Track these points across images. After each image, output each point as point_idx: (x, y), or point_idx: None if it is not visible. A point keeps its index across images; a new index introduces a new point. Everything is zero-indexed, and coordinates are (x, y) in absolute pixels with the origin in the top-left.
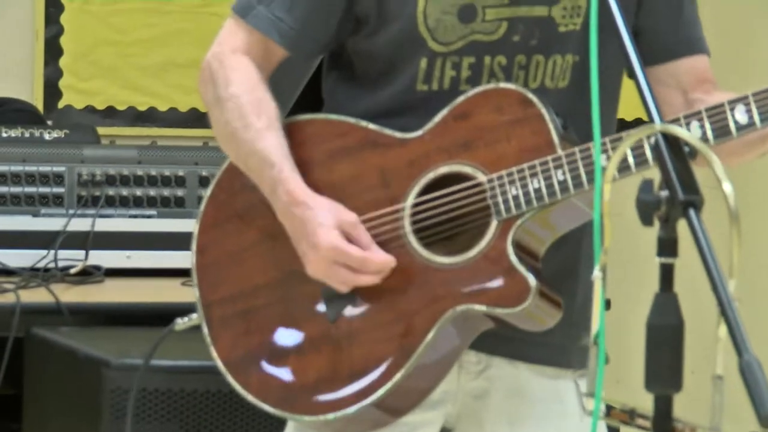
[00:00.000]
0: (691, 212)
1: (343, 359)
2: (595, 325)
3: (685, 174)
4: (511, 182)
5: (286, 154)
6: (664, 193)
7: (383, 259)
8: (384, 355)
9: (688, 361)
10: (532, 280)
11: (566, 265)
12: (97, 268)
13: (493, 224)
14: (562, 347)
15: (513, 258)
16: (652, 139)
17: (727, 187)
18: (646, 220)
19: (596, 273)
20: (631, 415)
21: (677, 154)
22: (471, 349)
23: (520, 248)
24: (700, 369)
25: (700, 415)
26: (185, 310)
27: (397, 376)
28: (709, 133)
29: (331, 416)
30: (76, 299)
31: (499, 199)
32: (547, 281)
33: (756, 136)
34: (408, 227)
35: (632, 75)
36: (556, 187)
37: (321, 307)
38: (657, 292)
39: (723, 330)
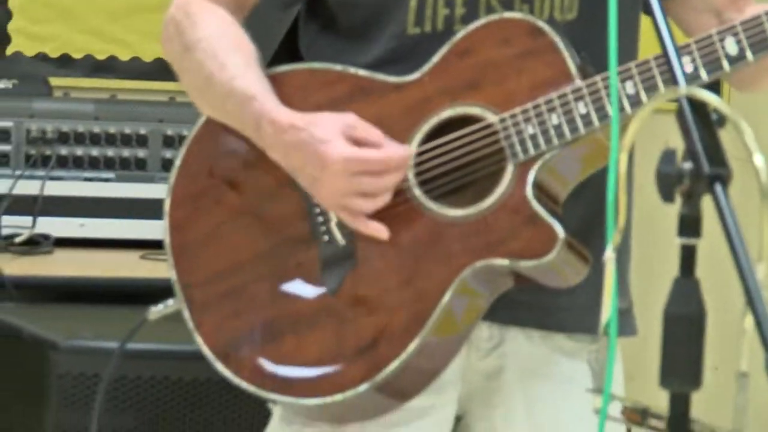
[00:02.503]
0: (718, 187)
1: (348, 333)
2: (605, 313)
3: (711, 144)
4: (527, 120)
5: (269, 89)
6: (688, 165)
7: (403, 152)
8: (394, 324)
9: (710, 356)
10: (558, 228)
11: (589, 215)
12: (46, 237)
13: (509, 168)
14: (589, 309)
15: (535, 204)
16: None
17: (759, 159)
18: (667, 196)
19: (608, 254)
20: (643, 415)
21: (703, 122)
22: (483, 321)
23: (542, 193)
24: (725, 365)
25: (722, 416)
26: (145, 286)
27: (411, 346)
28: (747, 49)
29: (339, 397)
30: (22, 272)
31: (515, 139)
32: (572, 230)
33: None
34: (412, 179)
35: (649, 12)
36: (579, 121)
37: (319, 276)
38: (676, 276)
39: (749, 321)
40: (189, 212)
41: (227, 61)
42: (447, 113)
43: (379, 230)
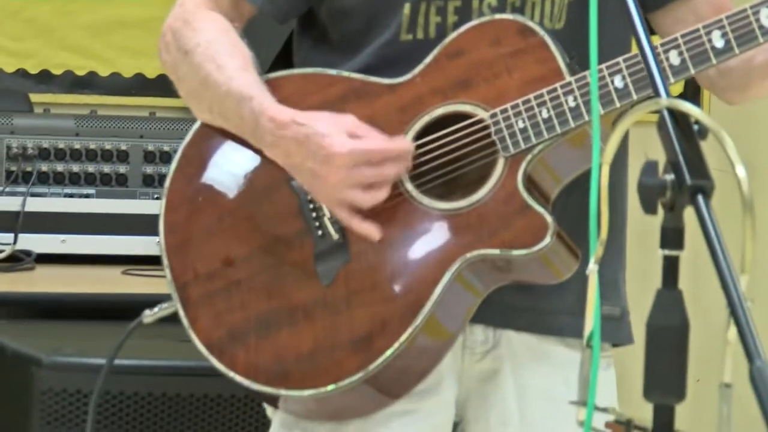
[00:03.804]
0: (700, 199)
1: (342, 325)
2: (588, 326)
3: (693, 156)
4: (517, 114)
5: (266, 90)
6: (670, 177)
7: (404, 144)
8: (388, 314)
9: (693, 368)
10: (548, 217)
11: (579, 217)
12: (28, 253)
13: (500, 162)
14: (580, 313)
15: (525, 195)
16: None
17: (741, 171)
18: (649, 208)
19: (591, 266)
20: (627, 427)
21: (685, 133)
22: (478, 323)
23: (533, 186)
24: (707, 376)
25: (706, 428)
26: (127, 302)
27: (404, 335)
28: (733, 41)
29: (332, 387)
30: (3, 288)
31: (505, 133)
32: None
33: None
34: (405, 173)
35: (633, 31)
36: (568, 114)
37: (313, 270)
38: (660, 288)
39: (733, 333)
40: (183, 215)
41: (225, 63)
42: (439, 111)
43: (371, 231)
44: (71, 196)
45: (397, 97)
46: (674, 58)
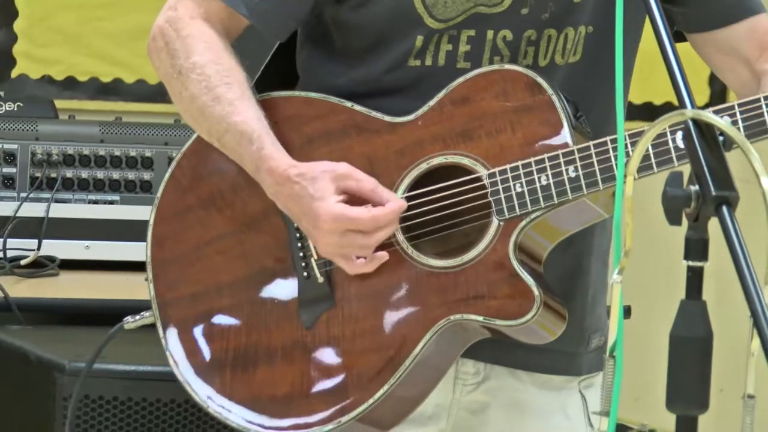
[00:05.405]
0: (724, 210)
1: (319, 372)
2: (612, 336)
3: (718, 167)
4: (516, 178)
5: (265, 126)
6: (695, 188)
7: (392, 208)
8: (366, 367)
9: (716, 378)
10: (536, 291)
11: (575, 262)
12: (51, 259)
13: (494, 224)
14: (571, 353)
15: (516, 264)
16: (678, 135)
17: (766, 182)
18: (674, 219)
19: (615, 277)
20: None
21: (710, 144)
22: (469, 358)
23: (523, 252)
24: (730, 386)
25: None
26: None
27: (379, 392)
28: (742, 131)
29: None
30: (27, 294)
31: (502, 196)
32: (551, 288)
33: None
34: (396, 224)
35: (661, 46)
36: (567, 185)
37: (296, 311)
38: (683, 299)
39: (756, 344)
40: (173, 228)
41: (222, 94)
42: (437, 161)
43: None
44: (95, 202)
45: (398, 137)
46: (680, 140)
